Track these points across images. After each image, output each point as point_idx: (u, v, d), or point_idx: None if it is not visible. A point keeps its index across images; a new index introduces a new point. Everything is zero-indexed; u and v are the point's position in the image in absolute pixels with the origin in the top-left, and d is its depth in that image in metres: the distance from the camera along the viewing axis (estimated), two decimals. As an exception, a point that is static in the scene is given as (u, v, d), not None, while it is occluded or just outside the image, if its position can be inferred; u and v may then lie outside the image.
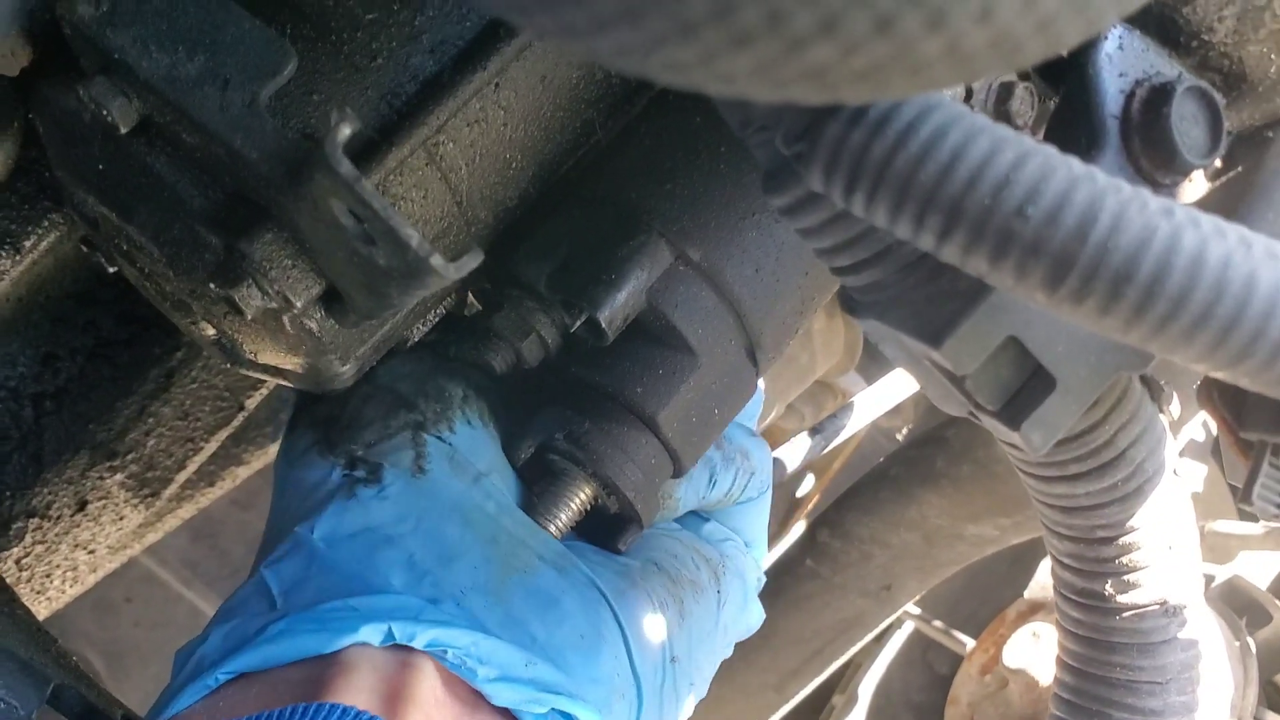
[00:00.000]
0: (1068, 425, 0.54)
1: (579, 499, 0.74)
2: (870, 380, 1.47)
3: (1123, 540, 0.61)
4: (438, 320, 0.76)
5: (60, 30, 0.57)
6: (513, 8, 0.33)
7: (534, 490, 0.75)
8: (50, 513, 0.94)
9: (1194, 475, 1.59)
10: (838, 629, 1.51)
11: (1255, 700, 1.24)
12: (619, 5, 0.30)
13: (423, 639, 0.62)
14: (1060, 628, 0.67)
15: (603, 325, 0.68)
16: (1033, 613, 1.52)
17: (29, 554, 0.95)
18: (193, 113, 0.55)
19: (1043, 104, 0.71)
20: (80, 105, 0.58)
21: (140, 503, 0.99)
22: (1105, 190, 0.41)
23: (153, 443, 0.96)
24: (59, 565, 0.99)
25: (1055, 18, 0.32)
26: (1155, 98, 0.57)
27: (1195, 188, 0.59)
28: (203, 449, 1.00)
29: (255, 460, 1.11)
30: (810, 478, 1.88)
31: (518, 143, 0.68)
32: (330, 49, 0.62)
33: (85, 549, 1.00)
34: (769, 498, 0.87)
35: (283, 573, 0.66)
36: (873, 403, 1.24)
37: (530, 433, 0.74)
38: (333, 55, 0.62)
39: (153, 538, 1.11)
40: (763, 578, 0.86)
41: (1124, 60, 0.57)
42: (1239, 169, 0.61)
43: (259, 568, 0.68)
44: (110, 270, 0.72)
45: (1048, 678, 1.46)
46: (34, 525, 0.93)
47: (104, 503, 0.97)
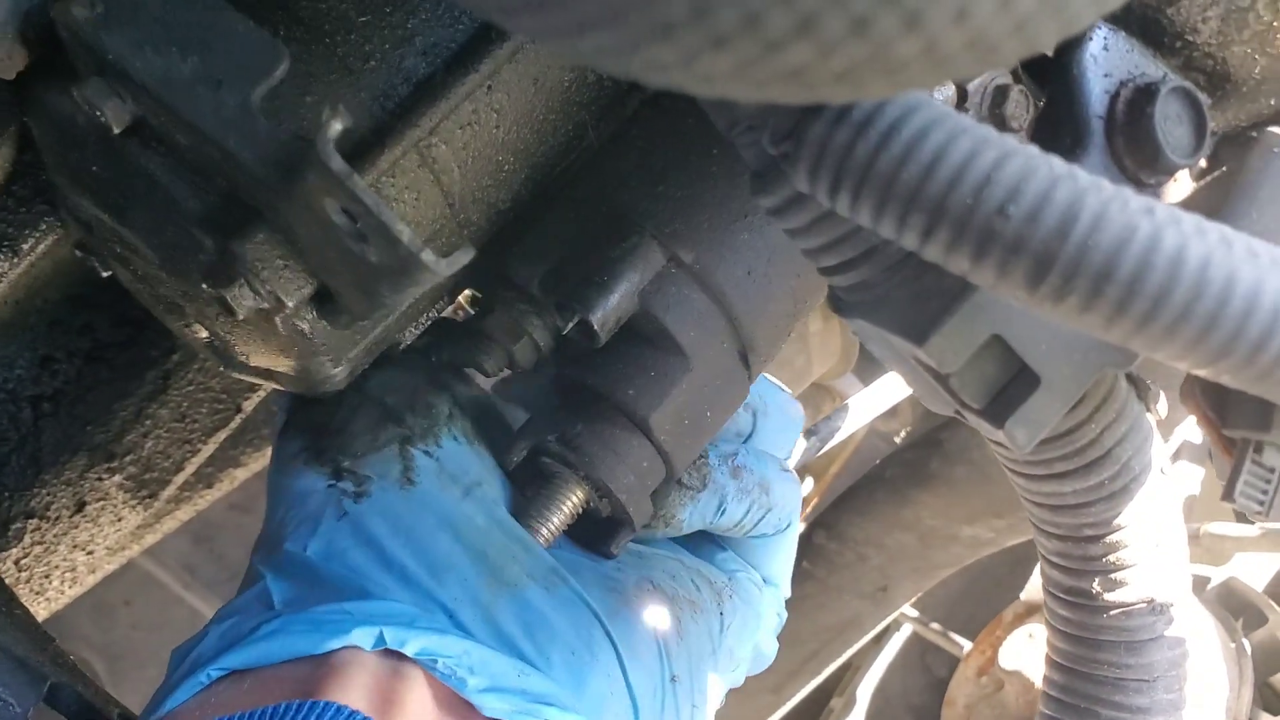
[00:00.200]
0: (1052, 423, 0.54)
1: (571, 502, 0.73)
2: (867, 382, 1.47)
3: (1110, 538, 0.62)
4: (430, 324, 0.76)
5: (55, 33, 0.57)
6: (497, 9, 0.33)
7: (526, 493, 0.74)
8: (49, 514, 0.94)
9: (1190, 477, 1.60)
10: (834, 631, 1.51)
11: (1250, 702, 1.24)
12: (600, 7, 0.31)
13: (414, 646, 0.62)
14: (1049, 626, 0.68)
15: (595, 327, 0.68)
16: (1029, 614, 1.52)
17: (27, 555, 0.95)
18: (186, 113, 0.55)
19: (1038, 106, 0.72)
20: (75, 107, 0.58)
21: (138, 504, 1.00)
22: (1086, 189, 0.41)
23: (150, 444, 0.96)
24: (57, 566, 0.99)
25: (1032, 18, 0.33)
26: (1139, 98, 0.57)
27: (1180, 187, 0.60)
28: (200, 451, 1.00)
29: (253, 462, 1.11)
30: (809, 480, 1.89)
31: (510, 145, 0.68)
32: (323, 51, 0.63)
33: (84, 550, 1.00)
34: (792, 537, 0.84)
35: (283, 586, 0.67)
36: (868, 405, 1.24)
37: (522, 435, 0.74)
38: (326, 57, 0.63)
39: (151, 539, 1.11)
40: (783, 614, 0.84)
41: (1109, 61, 0.58)
42: (1223, 169, 0.62)
43: (257, 571, 0.69)
44: (104, 275, 0.72)
45: (1043, 678, 1.46)
46: (32, 526, 0.94)
47: (102, 504, 0.97)
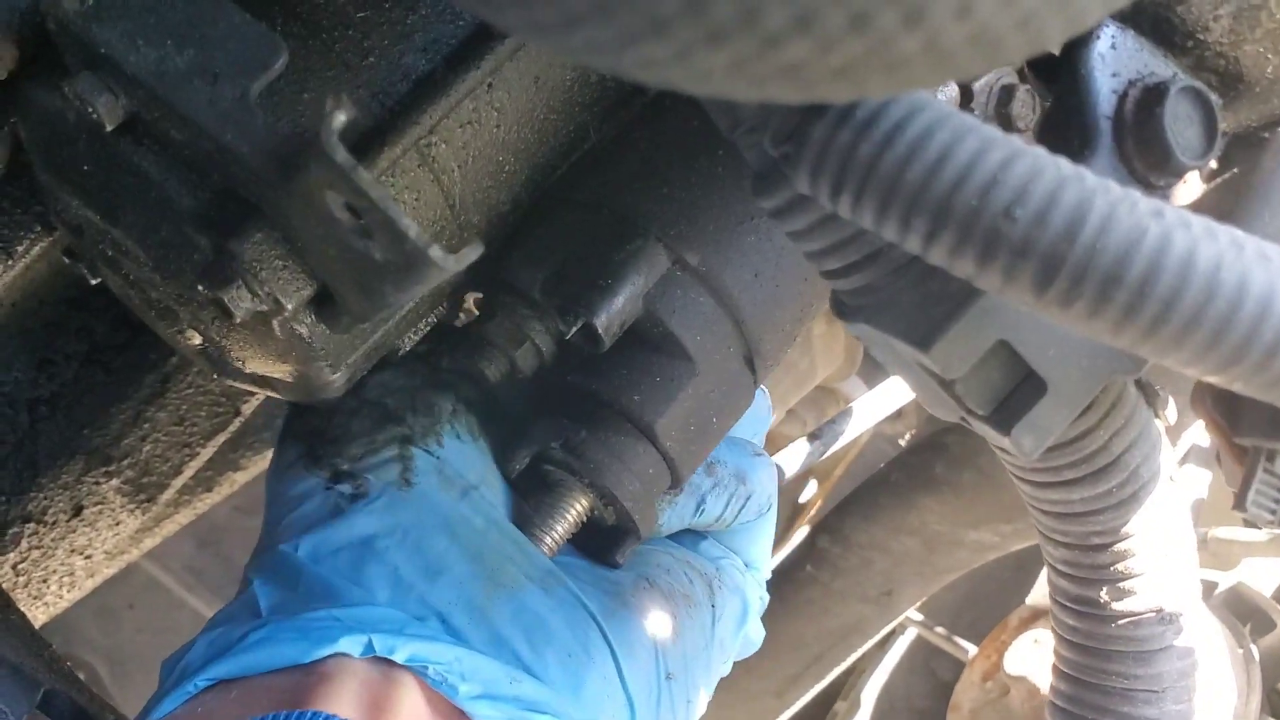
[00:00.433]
0: (1059, 430, 0.53)
1: (575, 510, 0.72)
2: (871, 385, 1.46)
3: (1118, 547, 0.61)
4: (429, 329, 0.75)
5: (45, 29, 0.56)
6: (485, 5, 0.33)
7: (529, 502, 0.73)
8: (46, 518, 0.94)
9: (1198, 482, 1.59)
10: (838, 635, 1.50)
11: (1259, 708, 1.23)
12: (589, 1, 0.30)
13: (403, 653, 0.61)
14: (1056, 635, 0.67)
15: (599, 331, 0.67)
16: (1034, 619, 1.51)
17: (25, 559, 0.95)
18: (181, 107, 0.54)
19: (1044, 106, 0.71)
20: (65, 104, 0.57)
21: (137, 508, 0.99)
22: (1094, 191, 0.40)
23: (148, 448, 0.95)
24: (55, 570, 0.98)
25: (1036, 13, 0.32)
26: (1149, 98, 0.56)
27: (1190, 189, 0.59)
28: (199, 454, 0.99)
29: (253, 466, 1.10)
30: (813, 484, 1.88)
31: (511, 145, 0.67)
32: (321, 46, 0.62)
33: (82, 554, 0.99)
34: (771, 519, 0.84)
35: (271, 588, 0.66)
36: (872, 408, 1.23)
37: (525, 443, 0.72)
38: (324, 53, 0.62)
39: (151, 543, 1.11)
40: (765, 597, 0.84)
41: (1117, 60, 0.57)
42: (1234, 170, 0.61)
43: (249, 577, 0.68)
44: (93, 281, 0.71)
45: (1048, 685, 1.45)
46: (30, 530, 0.93)
47: (100, 508, 0.97)
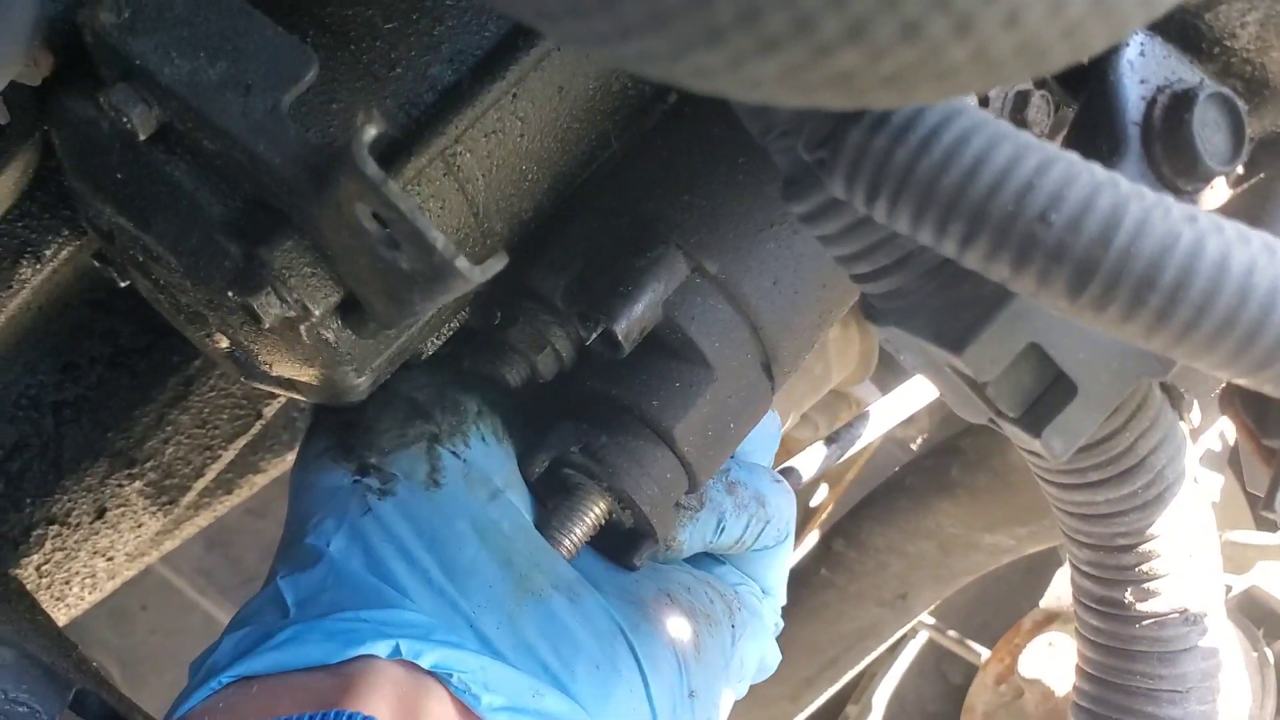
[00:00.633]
0: (1089, 432, 0.54)
1: (594, 514, 0.73)
2: (885, 390, 1.46)
3: (1143, 548, 0.61)
4: (452, 334, 0.76)
5: (80, 39, 0.57)
6: (539, 14, 0.33)
7: (548, 505, 0.74)
8: (70, 520, 0.94)
9: (1211, 485, 1.59)
10: (853, 638, 1.50)
11: (1273, 712, 1.23)
12: (646, 11, 0.30)
13: (429, 659, 0.61)
14: (1080, 636, 0.67)
15: (619, 338, 0.67)
16: (1048, 622, 1.51)
17: (49, 561, 0.95)
18: (214, 118, 0.55)
19: (1059, 112, 0.71)
20: (99, 113, 0.58)
21: (159, 510, 0.99)
22: (1128, 196, 0.41)
23: (171, 450, 0.96)
24: (78, 572, 0.99)
25: (1082, 23, 0.32)
26: (1177, 104, 0.57)
27: (1217, 195, 0.59)
28: (221, 457, 1.00)
29: (273, 468, 1.11)
30: (824, 487, 1.88)
31: (534, 154, 0.67)
32: (349, 58, 0.62)
33: (104, 556, 1.00)
34: (788, 547, 0.84)
35: (298, 584, 0.66)
36: (888, 412, 1.24)
37: (545, 446, 0.73)
38: (352, 64, 0.62)
39: (170, 545, 1.11)
40: (780, 623, 0.84)
41: (1145, 67, 0.57)
42: (1261, 175, 0.61)
43: (275, 574, 0.68)
44: (122, 284, 0.72)
45: (1063, 687, 1.46)
46: (54, 532, 0.93)
47: (123, 510, 0.97)
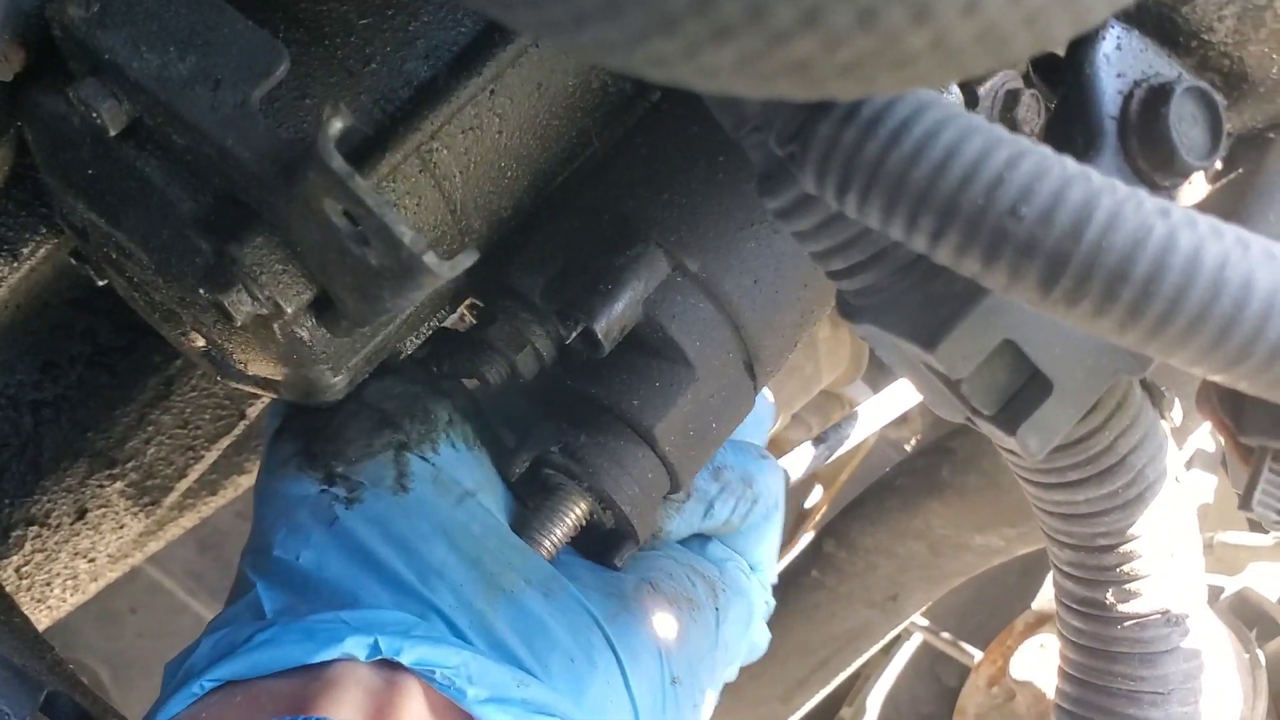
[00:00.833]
0: (1065, 429, 0.53)
1: (574, 514, 0.72)
2: (877, 389, 1.46)
3: (1124, 548, 0.61)
4: (431, 333, 0.75)
5: (50, 34, 0.56)
6: (495, 3, 0.33)
7: (529, 505, 0.74)
8: (50, 521, 0.93)
9: (1204, 486, 1.59)
10: (844, 639, 1.50)
11: (1265, 713, 1.23)
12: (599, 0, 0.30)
13: (410, 655, 0.61)
14: (1061, 637, 0.66)
15: (599, 336, 0.67)
16: (1040, 624, 1.51)
17: (28, 562, 0.95)
18: (184, 113, 0.54)
19: (1050, 110, 0.71)
20: (69, 109, 0.57)
21: (140, 511, 0.99)
22: (1100, 190, 0.40)
23: (153, 451, 0.95)
24: (59, 574, 0.98)
25: (1043, 11, 0.32)
26: (1154, 98, 0.56)
27: (1195, 190, 0.59)
28: (204, 457, 0.99)
29: (256, 469, 1.10)
30: (818, 489, 1.88)
31: (512, 151, 0.67)
32: (323, 53, 0.62)
33: (85, 557, 0.99)
34: (778, 520, 0.84)
35: (275, 593, 0.66)
36: (878, 412, 1.23)
37: (525, 447, 0.73)
38: (326, 59, 0.62)
39: (154, 547, 1.10)
40: (771, 601, 0.84)
41: (1122, 60, 0.57)
42: (1239, 171, 0.61)
43: (246, 576, 0.68)
44: (99, 283, 0.71)
45: (1055, 689, 1.45)
46: (33, 533, 0.93)
47: (104, 511, 0.96)
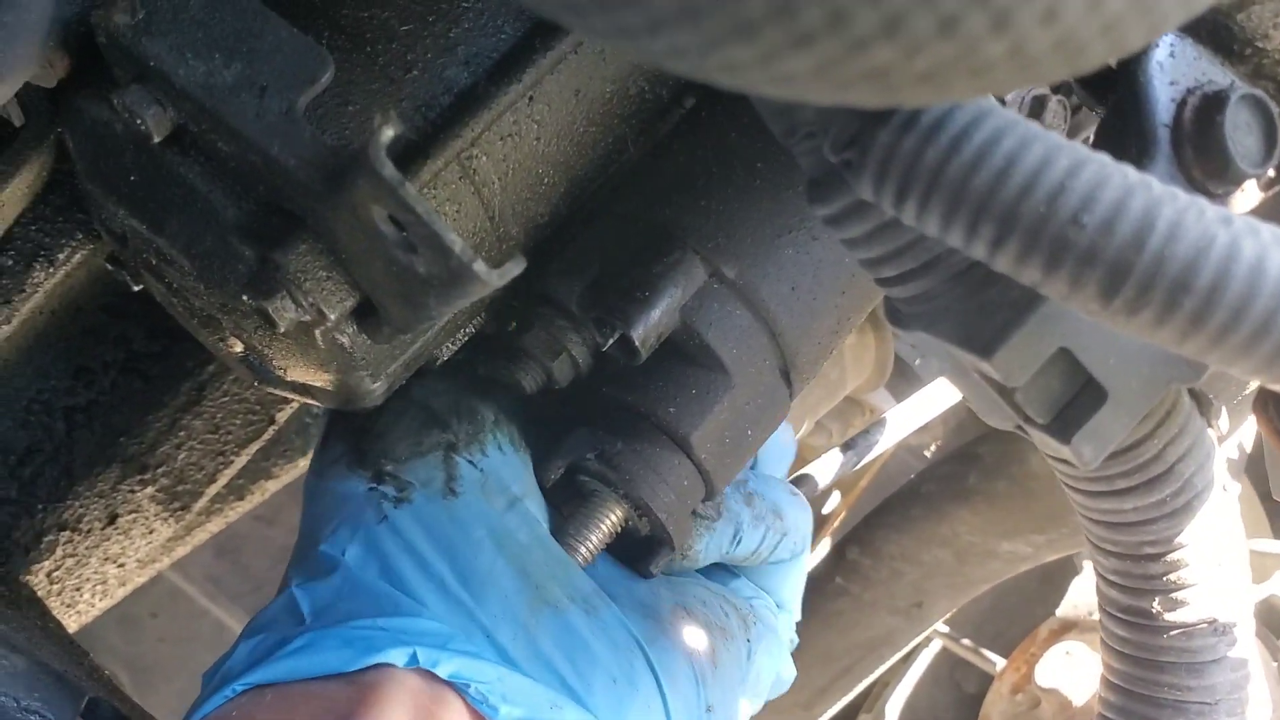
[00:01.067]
0: (1119, 439, 0.53)
1: (609, 521, 0.72)
2: (900, 397, 1.46)
3: (1171, 557, 0.60)
4: (467, 339, 0.75)
5: (93, 41, 0.56)
6: (566, 8, 0.32)
7: (564, 511, 0.73)
8: (81, 526, 0.94)
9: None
10: (867, 647, 1.49)
11: (1293, 721, 1.22)
12: (676, 5, 0.30)
13: (447, 668, 0.61)
14: (1106, 646, 0.66)
15: (636, 343, 0.67)
16: (1065, 631, 1.50)
17: (60, 567, 0.95)
18: (229, 120, 0.54)
19: (1075, 116, 0.70)
20: (113, 115, 0.57)
21: (170, 516, 0.99)
22: (1161, 198, 0.40)
23: (183, 456, 0.95)
24: (89, 579, 0.98)
25: (1121, 19, 0.32)
26: (1208, 106, 0.56)
27: (1248, 198, 0.58)
28: (233, 462, 0.99)
29: (285, 474, 1.10)
30: (836, 495, 1.87)
31: (550, 157, 0.67)
32: (365, 60, 0.62)
33: (115, 562, 0.99)
34: (804, 562, 0.84)
35: (313, 593, 0.65)
36: (905, 419, 1.23)
37: (561, 453, 0.72)
38: (367, 66, 0.62)
39: (182, 552, 1.10)
40: (795, 640, 0.84)
41: (1175, 68, 0.56)
42: (1293, 178, 0.60)
43: (289, 581, 0.67)
44: (135, 288, 0.71)
45: (1081, 697, 1.45)
46: (65, 538, 0.93)
47: (134, 516, 0.97)
